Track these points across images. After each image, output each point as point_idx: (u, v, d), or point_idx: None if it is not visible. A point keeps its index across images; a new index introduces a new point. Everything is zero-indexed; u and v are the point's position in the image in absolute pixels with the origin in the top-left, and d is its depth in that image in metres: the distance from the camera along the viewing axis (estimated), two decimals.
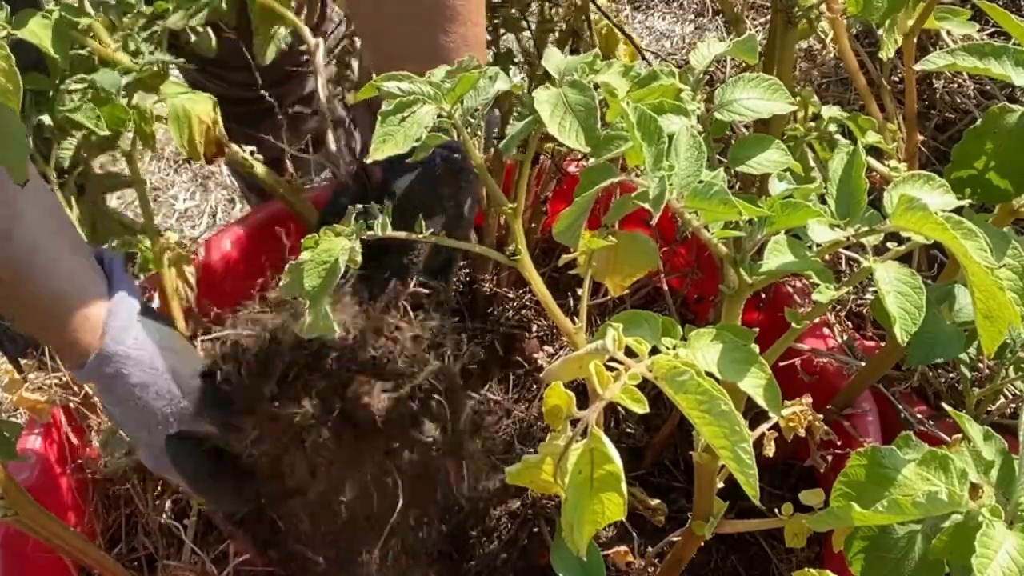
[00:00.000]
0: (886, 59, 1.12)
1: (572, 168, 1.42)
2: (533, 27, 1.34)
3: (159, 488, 1.25)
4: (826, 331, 1.32)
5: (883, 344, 1.21)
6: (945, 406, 0.71)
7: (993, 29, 1.67)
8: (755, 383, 0.60)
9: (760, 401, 0.61)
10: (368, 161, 0.76)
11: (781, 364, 1.26)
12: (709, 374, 0.58)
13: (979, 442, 0.64)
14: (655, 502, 1.15)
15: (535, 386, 1.34)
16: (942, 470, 0.65)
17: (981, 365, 1.09)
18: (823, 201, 0.66)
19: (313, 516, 1.22)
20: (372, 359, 1.03)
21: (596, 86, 0.73)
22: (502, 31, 1.34)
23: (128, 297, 1.08)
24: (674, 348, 0.62)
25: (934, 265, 1.41)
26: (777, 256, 0.63)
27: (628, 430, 1.29)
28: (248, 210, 2.16)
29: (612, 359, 0.60)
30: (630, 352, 0.60)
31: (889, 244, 0.68)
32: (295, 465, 1.07)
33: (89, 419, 1.25)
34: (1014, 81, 0.82)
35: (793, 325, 0.69)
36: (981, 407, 1.01)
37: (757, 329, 0.65)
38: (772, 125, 1.08)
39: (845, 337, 1.32)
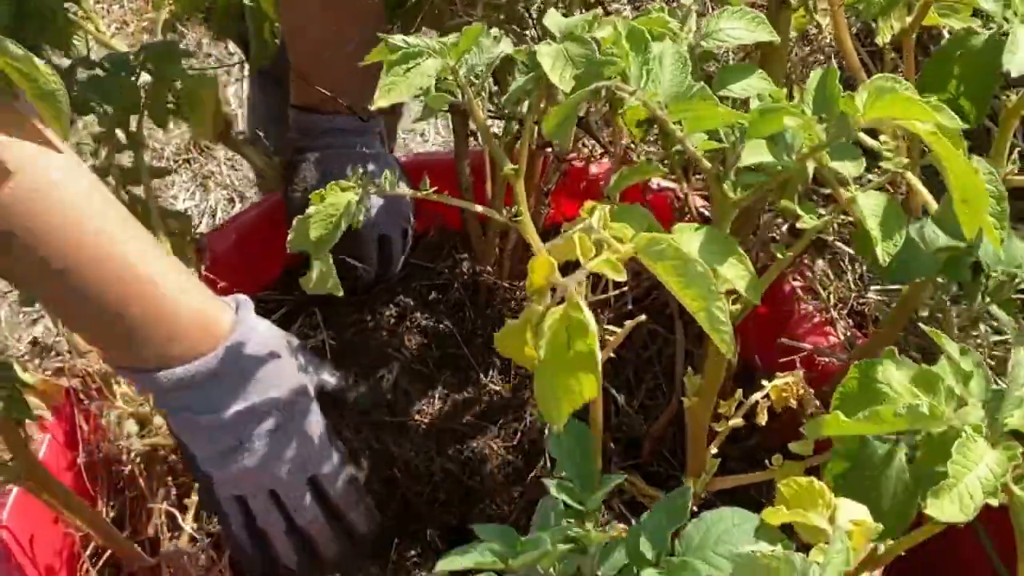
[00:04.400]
0: (882, 44, 1.13)
1: (573, 161, 1.44)
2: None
3: (163, 472, 1.26)
4: (828, 329, 1.33)
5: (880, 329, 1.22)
6: (922, 326, 0.72)
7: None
8: (735, 271, 0.62)
9: (739, 286, 0.63)
10: (372, 108, 0.79)
11: (781, 361, 1.27)
12: None
13: (955, 355, 0.65)
14: (653, 490, 1.16)
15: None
16: (931, 388, 0.66)
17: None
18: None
19: None
20: None
21: (596, 42, 0.75)
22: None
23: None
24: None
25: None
26: (755, 155, 0.64)
27: (627, 420, 1.30)
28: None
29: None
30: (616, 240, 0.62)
31: (869, 177, 0.69)
32: None
33: (99, 402, 1.27)
34: (981, 5, 0.85)
35: (778, 256, 0.70)
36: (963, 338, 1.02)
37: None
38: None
39: (847, 335, 1.33)
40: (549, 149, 1.38)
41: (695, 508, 0.90)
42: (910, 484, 0.65)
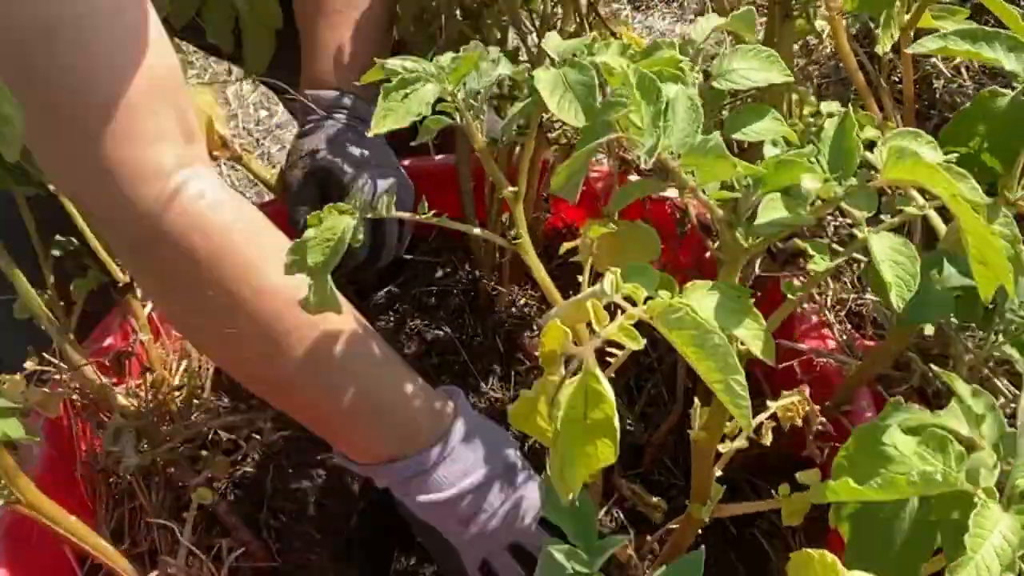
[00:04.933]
0: (882, 54, 1.12)
1: None
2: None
3: (161, 483, 1.25)
4: (826, 331, 1.33)
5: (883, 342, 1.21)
6: (935, 368, 0.72)
7: (993, 29, 1.67)
8: (751, 333, 0.61)
9: (755, 349, 0.62)
10: (369, 134, 0.78)
11: (781, 365, 1.26)
12: None
13: (968, 398, 0.65)
14: (655, 499, 1.15)
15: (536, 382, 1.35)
16: (940, 450, 0.66)
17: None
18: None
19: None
20: None
21: (595, 67, 0.74)
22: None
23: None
24: (669, 298, 0.62)
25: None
26: (771, 212, 0.64)
27: (628, 427, 1.30)
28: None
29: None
30: (628, 301, 0.61)
31: (883, 217, 0.68)
32: None
33: (96, 416, 1.26)
34: (1005, 65, 0.83)
35: (788, 297, 0.69)
36: (974, 374, 1.02)
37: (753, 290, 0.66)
38: (769, 101, 1.10)
39: (845, 337, 1.32)
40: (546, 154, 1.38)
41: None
42: (921, 532, 0.65)
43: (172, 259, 0.99)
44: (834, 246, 0.69)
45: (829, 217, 1.36)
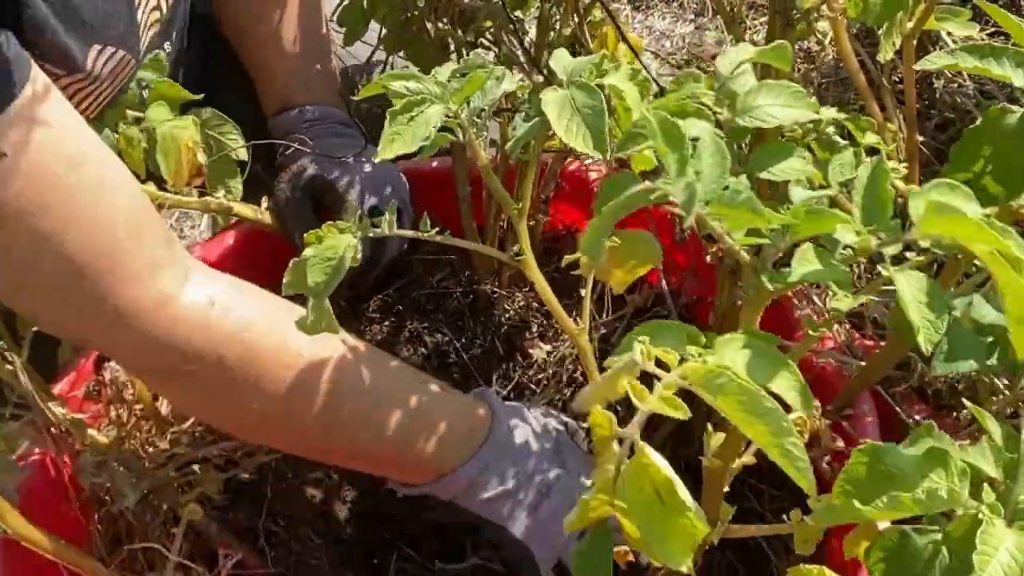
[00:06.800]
0: (884, 61, 1.11)
1: (571, 168, 1.43)
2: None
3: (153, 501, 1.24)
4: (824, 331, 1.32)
5: (883, 344, 1.20)
6: (966, 402, 0.71)
7: (993, 29, 1.67)
8: (787, 385, 0.60)
9: (793, 403, 0.61)
10: (377, 160, 0.78)
11: None
12: None
13: (998, 439, 0.64)
14: None
15: (534, 384, 1.35)
16: (942, 467, 0.65)
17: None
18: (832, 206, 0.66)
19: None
20: None
21: (603, 88, 0.73)
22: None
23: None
24: (700, 356, 0.62)
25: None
26: (805, 265, 0.63)
27: None
28: None
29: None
30: (659, 363, 0.60)
31: (907, 254, 0.67)
32: None
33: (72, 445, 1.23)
34: (1014, 82, 0.82)
35: (809, 332, 0.69)
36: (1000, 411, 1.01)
37: (779, 337, 0.65)
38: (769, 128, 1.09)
39: (845, 337, 1.32)
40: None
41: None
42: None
43: (205, 376, 1.01)
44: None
45: None
